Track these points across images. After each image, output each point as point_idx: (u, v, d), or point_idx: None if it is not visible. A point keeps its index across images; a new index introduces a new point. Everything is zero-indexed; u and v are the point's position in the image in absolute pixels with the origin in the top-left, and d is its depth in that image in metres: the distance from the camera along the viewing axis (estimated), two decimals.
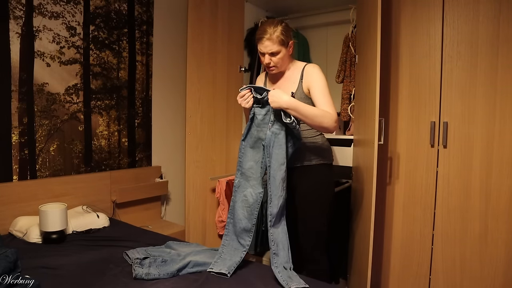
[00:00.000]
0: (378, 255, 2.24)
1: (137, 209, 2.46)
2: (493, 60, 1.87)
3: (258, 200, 1.66)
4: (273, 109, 1.64)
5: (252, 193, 1.67)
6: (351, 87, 2.59)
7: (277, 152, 1.65)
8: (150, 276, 1.36)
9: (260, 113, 1.71)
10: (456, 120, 1.98)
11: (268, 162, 1.66)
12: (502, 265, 1.88)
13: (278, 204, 1.61)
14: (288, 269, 1.52)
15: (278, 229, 1.63)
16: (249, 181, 1.71)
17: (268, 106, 1.66)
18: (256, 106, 1.71)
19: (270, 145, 1.66)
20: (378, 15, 1.73)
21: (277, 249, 1.59)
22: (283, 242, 1.61)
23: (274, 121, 1.67)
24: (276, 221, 1.63)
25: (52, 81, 2.03)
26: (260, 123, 1.71)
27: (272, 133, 1.66)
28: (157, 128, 2.64)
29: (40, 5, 1.94)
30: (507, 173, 1.86)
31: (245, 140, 1.75)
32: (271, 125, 1.67)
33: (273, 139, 1.65)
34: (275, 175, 1.63)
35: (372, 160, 1.77)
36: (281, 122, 1.63)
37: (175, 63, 2.72)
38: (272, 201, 1.61)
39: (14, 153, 1.90)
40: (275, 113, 1.66)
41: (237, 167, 1.74)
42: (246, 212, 1.66)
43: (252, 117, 1.72)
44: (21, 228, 1.76)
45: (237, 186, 1.72)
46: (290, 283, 1.40)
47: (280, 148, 1.65)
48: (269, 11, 3.25)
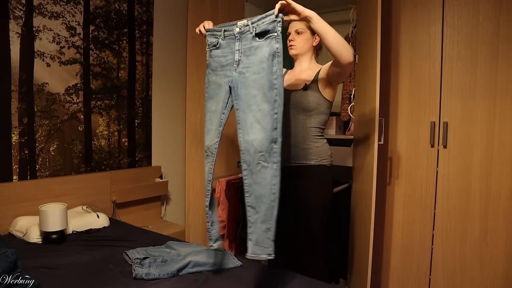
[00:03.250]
0: (378, 255, 2.24)
1: (137, 209, 2.46)
2: (493, 60, 1.87)
3: (213, 151, 1.55)
4: (241, 46, 1.47)
5: (209, 146, 1.56)
6: (351, 87, 2.59)
7: (253, 94, 1.44)
8: (150, 276, 1.36)
9: (217, 55, 1.54)
10: (456, 120, 1.98)
11: (237, 104, 1.49)
12: (502, 265, 1.88)
13: (260, 139, 1.40)
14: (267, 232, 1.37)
15: (258, 176, 1.42)
16: (208, 134, 1.59)
17: (233, 44, 1.49)
18: (213, 49, 1.56)
19: (238, 86, 1.47)
20: (378, 15, 1.73)
21: (255, 202, 1.40)
22: (265, 195, 1.39)
23: (239, 61, 1.49)
24: (253, 163, 1.42)
25: (52, 81, 2.03)
26: (217, 67, 1.55)
27: (239, 73, 1.48)
28: (157, 128, 2.64)
29: (40, 5, 1.94)
30: (507, 173, 1.86)
31: (206, 90, 1.60)
32: (236, 65, 1.49)
33: (241, 79, 1.46)
34: (246, 117, 1.45)
35: (372, 160, 1.77)
36: (256, 61, 1.43)
37: (175, 63, 2.72)
38: (245, 135, 1.44)
39: (14, 153, 1.90)
40: (240, 50, 1.47)
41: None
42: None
43: (208, 62, 1.58)
44: (21, 228, 1.76)
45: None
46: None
47: (255, 89, 1.44)
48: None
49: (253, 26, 1.45)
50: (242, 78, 1.47)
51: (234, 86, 1.48)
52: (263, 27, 1.43)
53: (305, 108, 1.79)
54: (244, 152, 1.44)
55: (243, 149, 1.45)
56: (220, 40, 1.54)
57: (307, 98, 1.77)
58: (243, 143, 1.45)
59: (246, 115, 1.46)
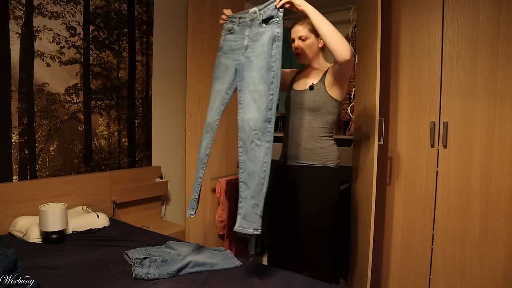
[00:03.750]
0: (378, 255, 2.24)
1: (137, 209, 2.46)
2: (493, 60, 1.87)
3: (213, 128, 1.67)
4: (250, 32, 1.57)
5: (210, 123, 1.68)
6: (351, 87, 2.60)
7: (253, 75, 1.53)
8: (150, 276, 1.36)
9: (230, 39, 1.65)
10: (456, 120, 1.98)
11: (240, 86, 1.58)
12: (502, 265, 1.88)
13: (254, 118, 1.49)
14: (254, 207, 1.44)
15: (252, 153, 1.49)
16: (210, 111, 1.69)
17: (245, 30, 1.59)
18: (228, 33, 1.66)
19: (243, 69, 1.57)
20: (378, 15, 1.73)
21: (247, 179, 1.48)
22: (256, 172, 1.47)
23: (247, 46, 1.58)
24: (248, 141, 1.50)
25: (52, 81, 2.03)
26: (228, 50, 1.65)
27: (246, 57, 1.57)
28: (157, 128, 2.64)
29: (40, 5, 1.94)
30: (507, 173, 1.86)
31: (214, 71, 1.69)
32: (244, 50, 1.59)
33: (247, 63, 1.56)
34: (244, 97, 1.54)
35: (372, 160, 1.77)
36: (259, 45, 1.53)
37: (175, 63, 2.72)
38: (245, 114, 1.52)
39: (14, 153, 1.90)
40: (250, 36, 1.58)
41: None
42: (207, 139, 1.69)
43: (220, 45, 1.68)
44: (21, 228, 1.76)
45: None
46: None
47: (255, 71, 1.52)
48: None
49: (260, 13, 1.55)
50: (247, 62, 1.56)
51: (239, 69, 1.58)
52: (268, 13, 1.53)
53: (311, 108, 1.78)
54: (241, 130, 1.53)
55: (240, 127, 1.53)
56: (235, 26, 1.64)
57: (313, 98, 1.77)
58: (240, 122, 1.54)
59: (244, 95, 1.54)
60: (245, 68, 1.57)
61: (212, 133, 1.68)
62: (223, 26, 1.69)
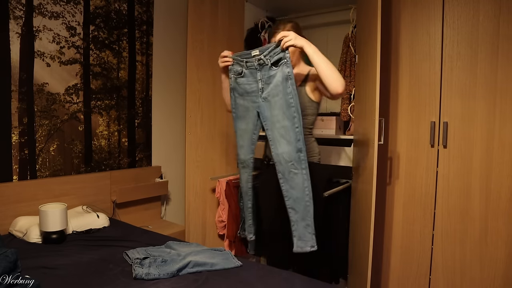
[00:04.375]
0: (378, 255, 2.24)
1: (137, 209, 2.46)
2: (493, 60, 1.87)
3: (249, 164, 1.87)
4: (262, 76, 1.71)
5: (245, 160, 1.88)
6: (351, 87, 2.59)
7: (276, 114, 1.70)
8: (150, 276, 1.36)
9: (243, 82, 1.78)
10: (456, 120, 1.98)
11: (266, 125, 1.75)
12: (502, 265, 1.88)
13: (287, 151, 1.68)
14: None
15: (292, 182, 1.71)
16: (241, 149, 1.87)
17: (256, 73, 1.72)
18: (238, 76, 1.78)
19: (264, 110, 1.74)
20: (378, 15, 1.73)
21: (294, 204, 1.70)
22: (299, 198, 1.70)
23: (262, 88, 1.73)
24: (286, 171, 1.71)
25: (52, 81, 2.03)
26: (243, 93, 1.79)
27: (264, 99, 1.73)
28: (157, 128, 2.64)
29: (40, 5, 1.94)
30: (507, 174, 1.86)
31: (234, 110, 1.86)
32: (261, 93, 1.74)
33: (266, 104, 1.72)
34: (273, 134, 1.73)
35: (372, 160, 1.77)
36: (273, 86, 1.69)
37: (175, 63, 2.72)
38: (276, 148, 1.72)
39: (14, 153, 1.90)
40: (262, 79, 1.72)
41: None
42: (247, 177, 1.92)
43: (233, 87, 1.81)
44: (21, 228, 1.76)
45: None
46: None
47: (276, 109, 1.69)
48: (269, 11, 3.25)
49: (266, 58, 1.69)
50: (266, 103, 1.73)
51: (261, 111, 1.76)
52: (276, 58, 1.68)
53: None
54: (277, 164, 1.73)
55: (276, 161, 1.73)
56: (244, 70, 1.77)
57: None
58: (276, 156, 1.73)
59: (273, 133, 1.73)
60: (266, 109, 1.74)
61: (249, 169, 1.89)
62: (228, 67, 1.81)
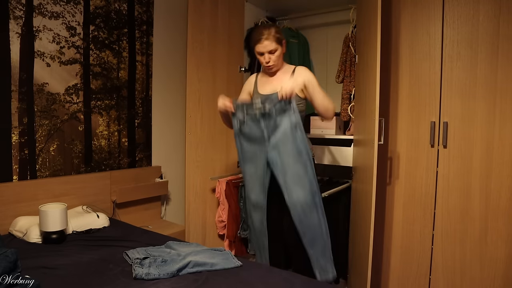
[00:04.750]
0: (378, 255, 2.24)
1: (137, 209, 2.46)
2: (493, 60, 1.87)
3: (263, 206, 1.90)
4: (266, 124, 1.78)
5: (258, 202, 1.91)
6: (351, 87, 2.59)
7: (287, 161, 1.76)
8: (150, 276, 1.36)
9: (247, 130, 1.85)
10: (456, 120, 1.98)
11: (276, 171, 1.80)
12: (502, 265, 1.88)
13: (303, 197, 1.74)
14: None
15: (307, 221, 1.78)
16: (252, 191, 1.91)
17: (259, 122, 1.79)
18: (241, 124, 1.87)
19: (273, 157, 1.80)
20: (378, 15, 1.73)
21: (312, 243, 1.78)
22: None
23: (269, 136, 1.79)
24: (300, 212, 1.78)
25: (52, 81, 2.03)
26: (249, 139, 1.86)
27: (272, 147, 1.79)
28: (157, 128, 2.64)
29: (40, 5, 1.94)
30: (507, 174, 1.86)
31: (241, 154, 1.91)
32: (268, 141, 1.80)
33: (275, 151, 1.79)
34: (286, 181, 1.78)
35: (372, 160, 1.77)
36: (281, 135, 1.76)
37: (175, 63, 2.72)
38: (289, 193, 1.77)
39: (14, 153, 1.90)
40: (268, 128, 1.78)
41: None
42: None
43: (238, 132, 1.88)
44: (21, 228, 1.76)
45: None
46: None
47: (287, 156, 1.76)
48: (269, 11, 3.25)
49: (270, 110, 1.76)
50: (275, 151, 1.79)
51: (270, 157, 1.81)
52: (280, 107, 1.75)
53: None
54: (292, 209, 1.77)
55: (291, 206, 1.78)
56: (246, 118, 1.84)
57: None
58: (290, 203, 1.78)
59: (285, 179, 1.77)
60: (275, 156, 1.79)
61: (263, 209, 1.91)
62: (231, 113, 1.88)
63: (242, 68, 2.84)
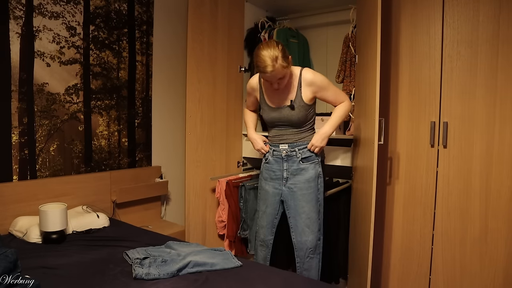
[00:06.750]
0: (378, 255, 2.24)
1: (137, 209, 2.46)
2: (493, 60, 1.87)
3: (269, 245, 2.00)
4: (288, 166, 1.89)
5: (265, 240, 2.01)
6: (351, 87, 2.59)
7: (302, 206, 1.85)
8: (150, 276, 1.36)
9: (268, 168, 1.96)
10: (456, 120, 1.98)
11: (289, 213, 1.90)
12: (502, 265, 1.88)
13: (310, 240, 1.86)
14: None
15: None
16: (261, 229, 2.00)
17: (281, 163, 1.90)
18: (264, 162, 1.98)
19: (288, 199, 1.89)
20: (378, 15, 1.72)
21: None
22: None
23: (287, 178, 1.89)
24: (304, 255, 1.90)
25: (52, 81, 2.03)
26: (267, 178, 1.96)
27: (288, 188, 1.89)
28: (157, 128, 2.64)
29: (40, 5, 1.94)
30: (507, 174, 1.86)
31: (259, 193, 2.01)
32: (285, 182, 1.90)
33: (290, 193, 1.88)
34: (297, 223, 1.88)
35: (372, 160, 1.77)
36: (304, 181, 1.86)
37: (175, 63, 2.72)
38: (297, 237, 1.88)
39: (14, 153, 1.90)
40: (288, 170, 1.89)
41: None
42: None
43: (261, 171, 1.99)
44: (21, 228, 1.76)
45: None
46: None
47: (303, 202, 1.85)
48: (269, 11, 3.25)
49: (297, 152, 1.88)
50: (291, 193, 1.89)
51: (285, 199, 1.92)
52: (307, 154, 1.88)
53: (295, 124, 1.93)
54: (298, 249, 1.90)
55: (297, 247, 1.90)
56: (270, 157, 1.94)
57: (297, 116, 1.91)
58: (297, 243, 1.90)
59: (297, 221, 1.89)
60: (290, 198, 1.89)
61: (268, 249, 2.00)
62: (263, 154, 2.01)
63: (242, 68, 2.84)
